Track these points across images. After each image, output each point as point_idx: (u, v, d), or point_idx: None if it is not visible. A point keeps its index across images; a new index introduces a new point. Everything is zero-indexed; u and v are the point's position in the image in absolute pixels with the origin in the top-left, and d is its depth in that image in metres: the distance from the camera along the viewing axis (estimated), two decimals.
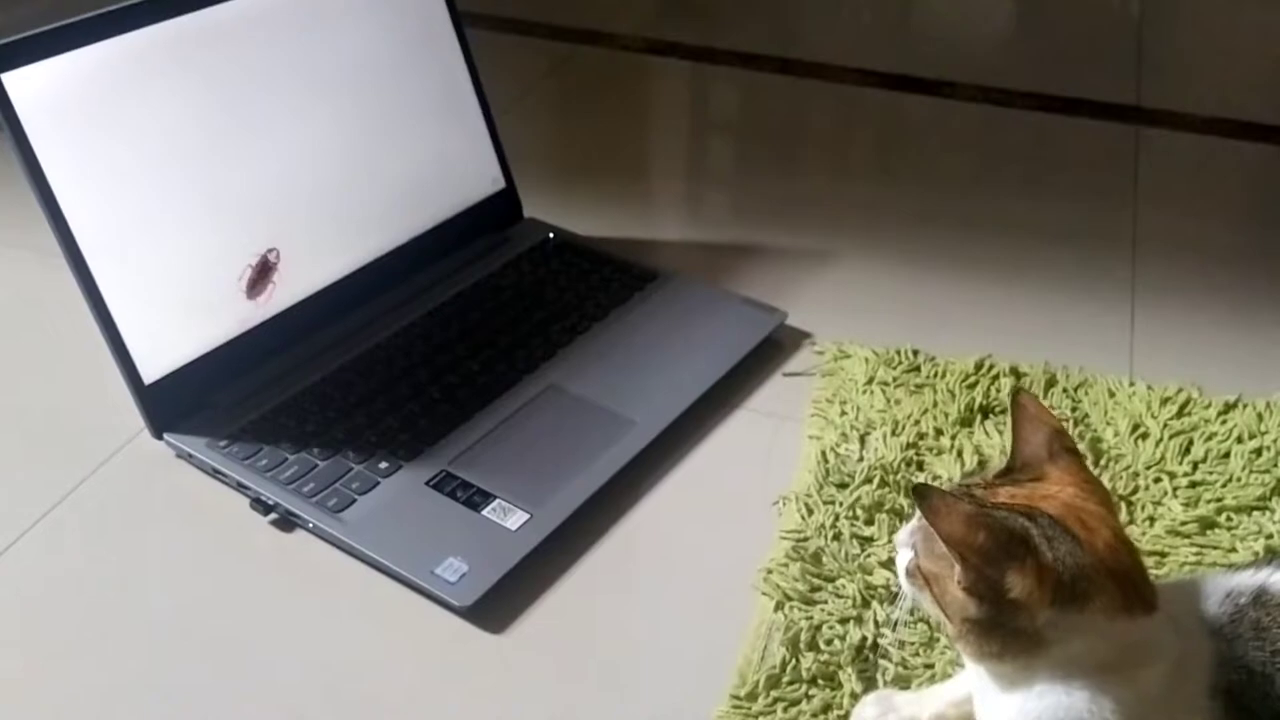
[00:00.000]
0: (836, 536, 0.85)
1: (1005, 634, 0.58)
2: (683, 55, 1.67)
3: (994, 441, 0.94)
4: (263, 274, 0.94)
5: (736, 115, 1.61)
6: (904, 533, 0.64)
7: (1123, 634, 0.57)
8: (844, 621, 0.79)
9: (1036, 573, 0.56)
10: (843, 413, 0.98)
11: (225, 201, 0.94)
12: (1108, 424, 0.96)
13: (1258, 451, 0.93)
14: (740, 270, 1.17)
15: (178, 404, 0.92)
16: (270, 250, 0.94)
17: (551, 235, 1.18)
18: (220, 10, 0.92)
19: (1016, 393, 0.68)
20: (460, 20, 1.12)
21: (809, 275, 1.17)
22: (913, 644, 0.78)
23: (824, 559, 0.84)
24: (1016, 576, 0.56)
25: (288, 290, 0.99)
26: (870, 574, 0.82)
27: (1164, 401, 0.99)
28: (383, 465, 0.89)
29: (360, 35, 1.03)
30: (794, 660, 0.76)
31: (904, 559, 0.64)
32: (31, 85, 0.83)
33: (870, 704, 0.73)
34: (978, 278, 1.17)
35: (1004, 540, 0.57)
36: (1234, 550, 0.85)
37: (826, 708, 0.74)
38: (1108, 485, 0.89)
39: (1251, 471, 0.91)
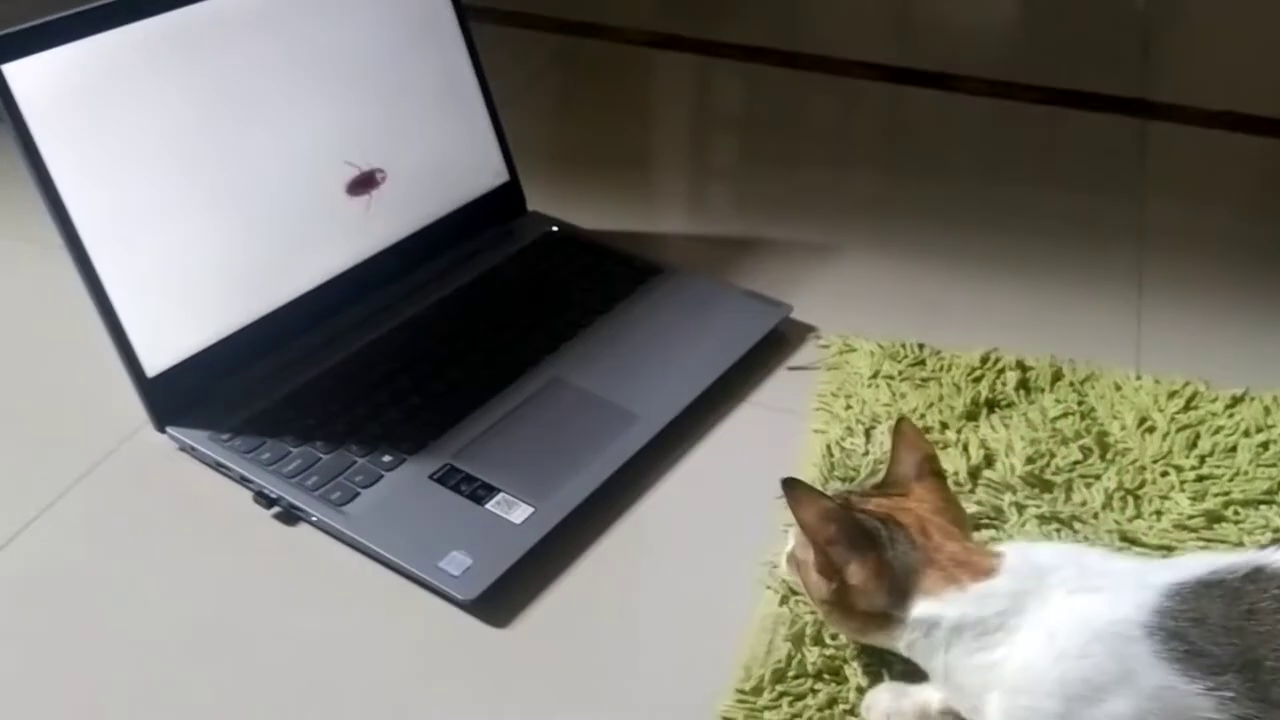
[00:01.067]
0: None
1: (859, 614, 0.70)
2: (686, 48, 1.67)
3: (1000, 435, 0.94)
4: (366, 183, 0.97)
5: (740, 108, 1.60)
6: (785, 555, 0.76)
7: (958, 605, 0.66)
8: None
9: (875, 566, 0.68)
10: (848, 407, 0.97)
11: (228, 193, 0.94)
12: (1114, 418, 0.96)
13: (1265, 445, 0.93)
14: (744, 264, 1.17)
15: (181, 397, 0.91)
16: (378, 170, 0.99)
17: (555, 228, 1.17)
18: (224, 1, 0.92)
19: (899, 420, 0.77)
20: (464, 13, 1.11)
21: (813, 269, 1.17)
22: None
23: None
24: (857, 566, 0.68)
25: (293, 280, 0.98)
26: None
27: (1171, 395, 0.98)
28: (386, 458, 0.89)
29: (364, 28, 1.03)
30: (799, 654, 0.76)
31: (788, 546, 0.76)
32: (33, 76, 0.82)
33: (883, 690, 0.73)
34: (983, 271, 1.16)
35: (852, 534, 0.69)
36: (1241, 544, 0.84)
37: (832, 702, 0.74)
38: (1115, 479, 0.89)
39: (1258, 465, 0.91)
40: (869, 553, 0.68)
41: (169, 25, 0.89)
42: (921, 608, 0.67)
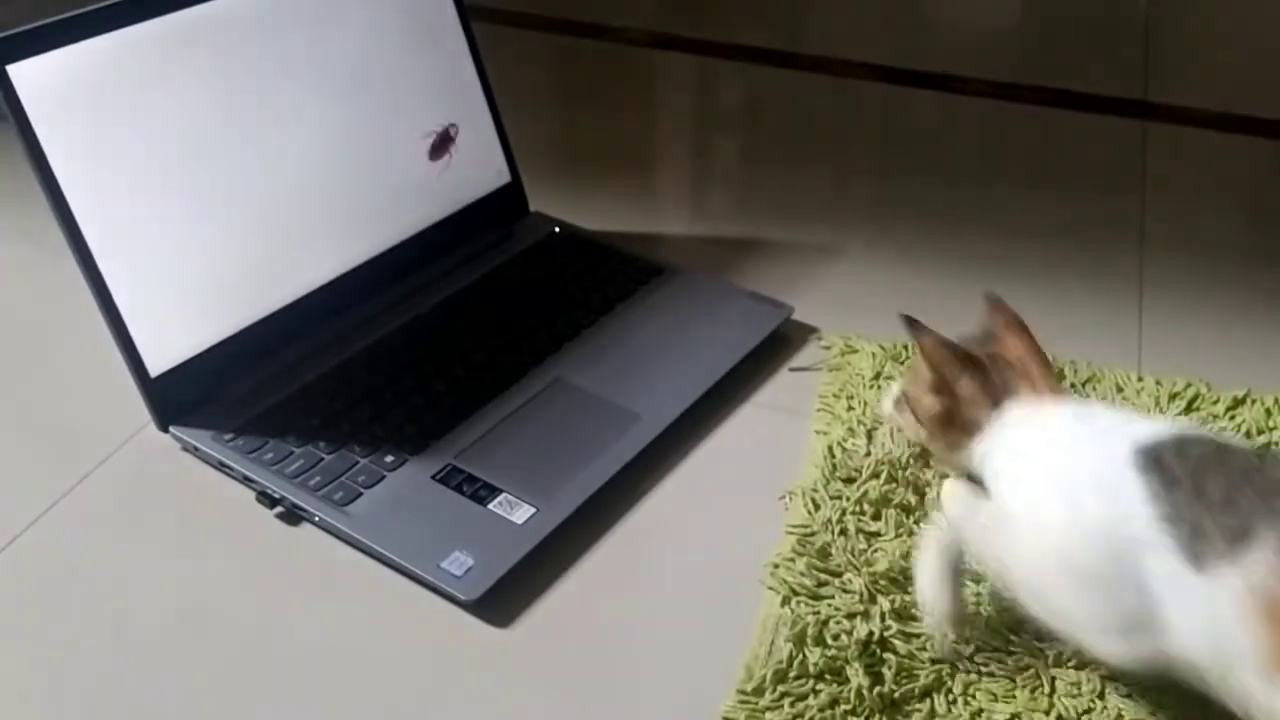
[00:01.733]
0: (843, 531, 0.85)
1: (960, 425, 0.80)
2: (688, 49, 1.67)
3: None
4: (443, 143, 1.00)
5: (742, 109, 1.60)
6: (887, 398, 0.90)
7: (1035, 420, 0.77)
8: (851, 616, 0.79)
9: (982, 381, 0.79)
10: (849, 407, 0.98)
11: (231, 193, 0.94)
12: None
13: (1267, 447, 0.93)
14: (746, 265, 1.17)
15: (184, 397, 0.92)
16: (450, 125, 1.03)
17: (557, 229, 1.18)
18: (228, 2, 0.92)
19: (989, 299, 0.86)
20: (466, 13, 1.12)
21: (815, 270, 1.17)
22: (919, 637, 0.78)
23: (831, 554, 0.83)
24: (967, 380, 0.80)
25: (297, 280, 0.99)
26: (876, 568, 0.82)
27: (1172, 397, 0.98)
28: (388, 459, 0.89)
29: (367, 29, 1.03)
30: (800, 655, 0.76)
31: (889, 401, 0.90)
32: (37, 77, 0.82)
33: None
34: (984, 272, 1.16)
35: (963, 358, 0.80)
36: None
37: (834, 702, 0.74)
38: None
39: None
40: (976, 372, 0.80)
41: (174, 26, 0.89)
42: (1012, 413, 0.78)
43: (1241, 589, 0.62)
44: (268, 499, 0.87)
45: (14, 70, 0.81)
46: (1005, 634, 0.78)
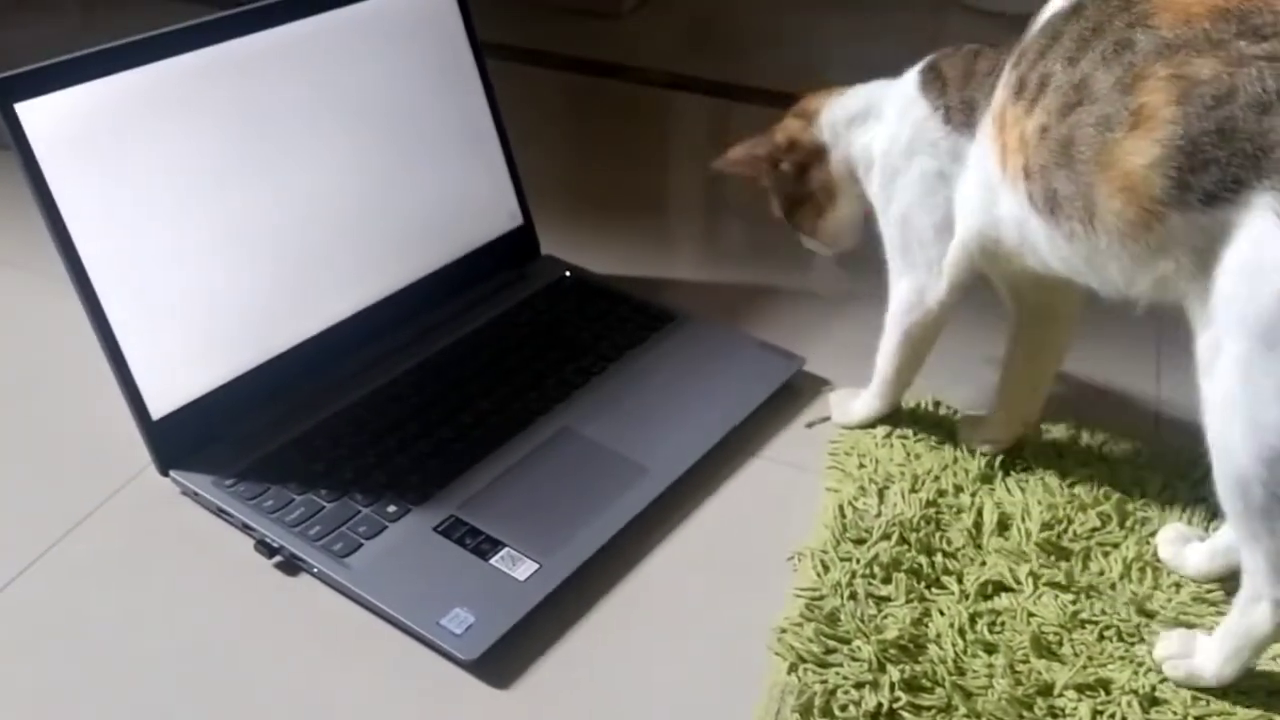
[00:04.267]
0: (852, 596, 0.83)
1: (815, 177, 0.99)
2: (704, 91, 1.66)
3: (1016, 499, 0.92)
4: None
5: None
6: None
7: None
8: (859, 686, 0.77)
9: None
10: (861, 465, 0.96)
11: (240, 235, 0.93)
12: (1135, 484, 0.94)
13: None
14: (758, 313, 1.16)
15: (185, 440, 0.90)
16: None
17: (568, 273, 1.16)
18: (238, 45, 0.92)
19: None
20: (482, 54, 1.11)
21: (828, 320, 1.16)
22: (929, 710, 0.76)
23: (839, 619, 0.81)
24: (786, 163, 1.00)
25: (301, 323, 0.97)
26: (886, 636, 0.80)
27: (1192, 462, 0.96)
28: (390, 509, 0.88)
29: (380, 68, 1.02)
30: None
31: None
32: (46, 116, 0.82)
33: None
34: (999, 325, 1.15)
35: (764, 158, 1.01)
36: None
37: None
38: (1134, 549, 0.87)
39: None
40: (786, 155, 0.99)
41: (184, 67, 0.89)
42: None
43: (989, 118, 0.80)
44: (266, 548, 0.85)
45: (22, 109, 0.81)
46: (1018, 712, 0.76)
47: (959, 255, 0.88)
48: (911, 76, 0.91)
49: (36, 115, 0.81)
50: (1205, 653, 0.78)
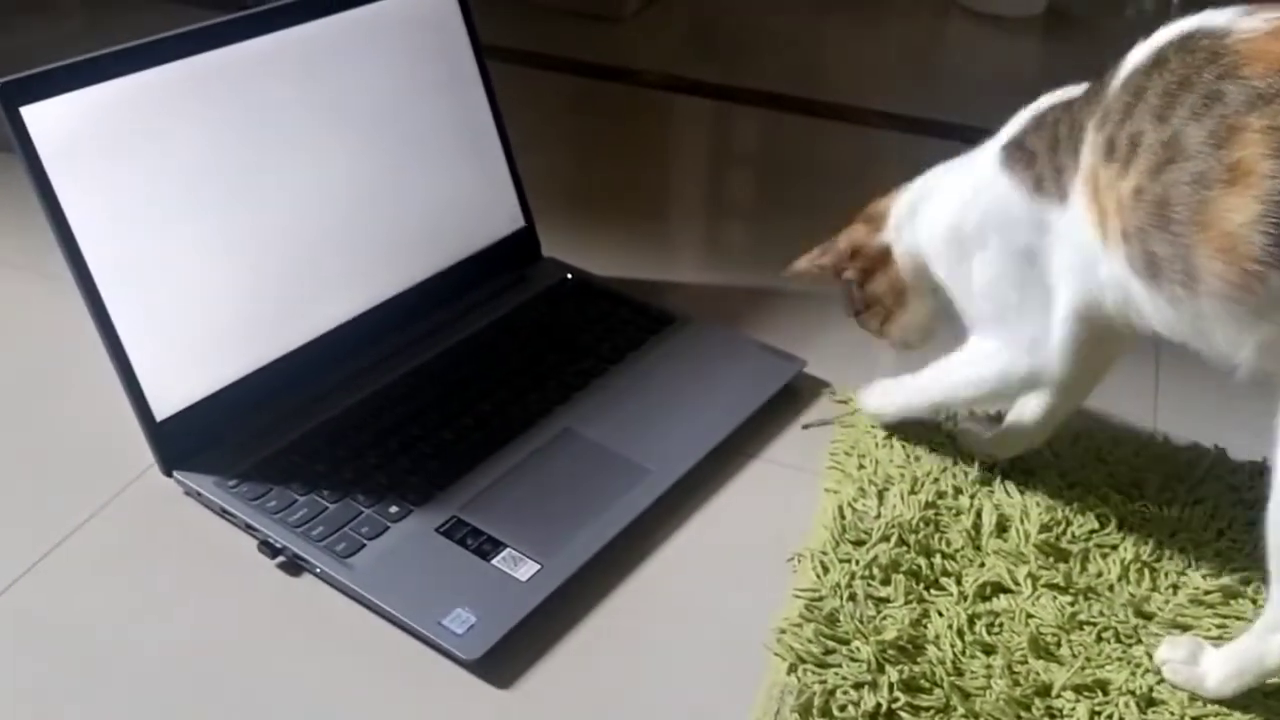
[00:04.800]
0: (852, 597, 0.84)
1: (882, 299, 0.98)
2: (706, 94, 1.67)
3: (1015, 501, 0.92)
4: None
5: (758, 155, 1.60)
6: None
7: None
8: (858, 687, 0.77)
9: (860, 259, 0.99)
10: (860, 466, 0.96)
11: (243, 237, 0.93)
12: (1134, 485, 0.94)
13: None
14: (759, 315, 1.16)
15: (189, 441, 0.91)
16: None
17: (569, 275, 1.17)
18: (241, 48, 0.92)
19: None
20: (484, 57, 1.11)
21: (829, 322, 1.16)
22: (928, 710, 0.76)
23: (839, 620, 0.82)
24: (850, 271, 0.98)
25: (304, 325, 0.98)
26: (885, 636, 0.80)
27: (1190, 464, 0.97)
28: (393, 509, 0.88)
29: (383, 71, 1.03)
30: None
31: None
32: (51, 119, 0.82)
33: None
34: None
35: (835, 266, 1.00)
36: None
37: None
38: (1132, 550, 0.88)
39: None
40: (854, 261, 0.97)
41: (188, 71, 0.89)
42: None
43: (1080, 182, 0.76)
44: (269, 548, 0.86)
45: (28, 112, 0.81)
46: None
47: (1071, 330, 0.83)
48: (988, 157, 0.87)
49: (41, 118, 0.82)
50: (1210, 665, 0.77)
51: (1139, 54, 0.74)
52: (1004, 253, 0.85)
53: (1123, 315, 0.78)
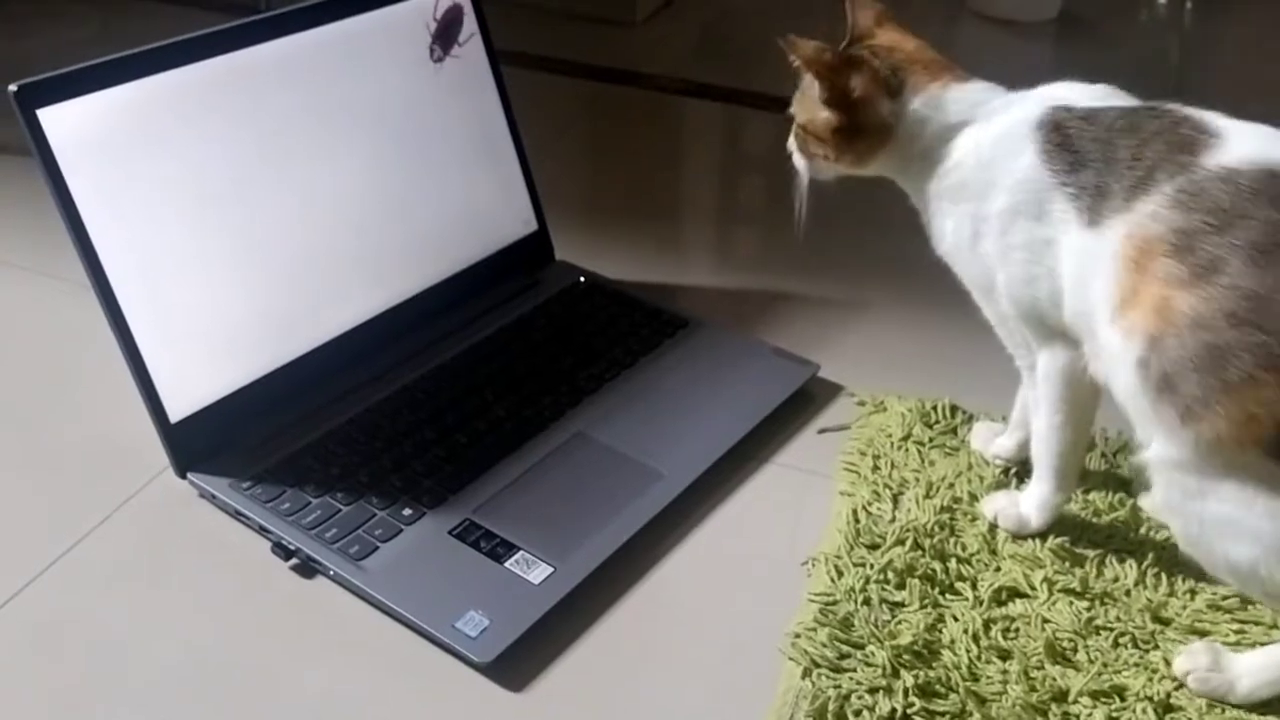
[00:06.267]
0: (866, 601, 0.83)
1: (865, 134, 0.84)
2: (717, 98, 1.67)
3: None
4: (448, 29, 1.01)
5: (770, 159, 1.59)
6: (791, 138, 0.92)
7: (941, 99, 0.82)
8: (873, 691, 0.77)
9: (871, 74, 0.82)
10: (875, 468, 0.96)
11: (258, 240, 0.94)
12: (1149, 491, 0.94)
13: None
14: (772, 319, 1.16)
15: (203, 443, 0.91)
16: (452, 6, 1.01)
17: (582, 279, 1.17)
18: (256, 51, 0.93)
19: None
20: (498, 61, 1.12)
21: (842, 326, 1.16)
22: (943, 715, 0.76)
23: (853, 624, 0.81)
24: (858, 79, 0.82)
25: (318, 329, 0.98)
26: (900, 641, 0.80)
27: None
28: (406, 512, 0.88)
29: (396, 75, 1.03)
30: None
31: (791, 143, 0.92)
32: (67, 122, 0.83)
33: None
34: None
35: (845, 58, 0.83)
36: (1275, 627, 0.82)
37: None
38: (1149, 556, 0.87)
39: None
40: (862, 66, 0.82)
41: (203, 75, 0.89)
42: (915, 104, 0.81)
43: (1123, 233, 0.69)
44: (283, 550, 0.86)
45: (44, 115, 0.81)
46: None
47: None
48: (1030, 132, 0.77)
49: (58, 121, 0.82)
50: (1240, 672, 0.77)
51: (1249, 147, 0.67)
52: (1028, 245, 0.78)
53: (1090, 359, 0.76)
